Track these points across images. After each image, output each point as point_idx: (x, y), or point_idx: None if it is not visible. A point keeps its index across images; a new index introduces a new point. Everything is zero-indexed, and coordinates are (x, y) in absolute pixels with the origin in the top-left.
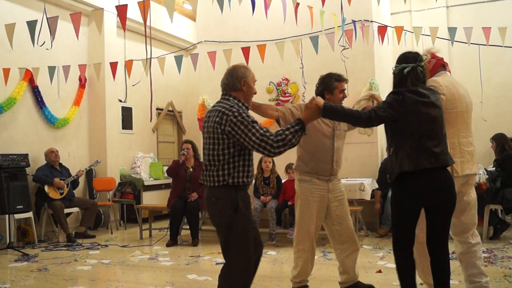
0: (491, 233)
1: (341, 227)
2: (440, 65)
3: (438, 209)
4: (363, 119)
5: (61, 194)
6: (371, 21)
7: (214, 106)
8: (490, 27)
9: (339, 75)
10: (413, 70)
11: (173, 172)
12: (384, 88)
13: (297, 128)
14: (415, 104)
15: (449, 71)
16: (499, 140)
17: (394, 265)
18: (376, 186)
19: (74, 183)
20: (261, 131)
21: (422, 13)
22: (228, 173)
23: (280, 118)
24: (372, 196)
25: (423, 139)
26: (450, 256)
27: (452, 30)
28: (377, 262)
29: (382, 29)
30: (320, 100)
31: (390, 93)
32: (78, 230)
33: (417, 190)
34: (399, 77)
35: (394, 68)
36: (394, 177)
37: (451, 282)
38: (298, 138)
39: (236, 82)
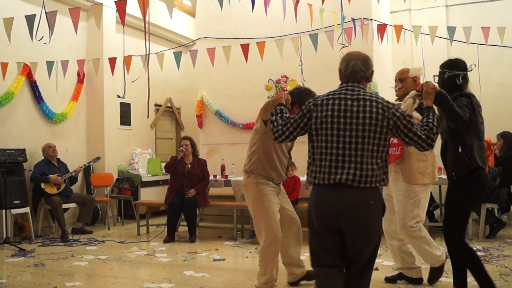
0: (487, 231)
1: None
2: None
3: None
4: (461, 118)
5: (58, 189)
6: (371, 20)
7: (355, 94)
8: (489, 27)
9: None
10: (465, 77)
11: (171, 168)
12: (383, 86)
13: (433, 113)
14: (478, 107)
15: None
16: (507, 138)
17: (391, 263)
18: None
19: (72, 180)
20: (418, 126)
21: (421, 12)
22: (384, 172)
23: None
24: None
25: (483, 139)
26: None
27: (451, 30)
28: None
29: (382, 28)
30: (437, 86)
31: (462, 96)
32: (75, 226)
33: (485, 184)
34: (452, 82)
35: (447, 73)
36: (465, 173)
37: (446, 280)
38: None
39: (369, 71)
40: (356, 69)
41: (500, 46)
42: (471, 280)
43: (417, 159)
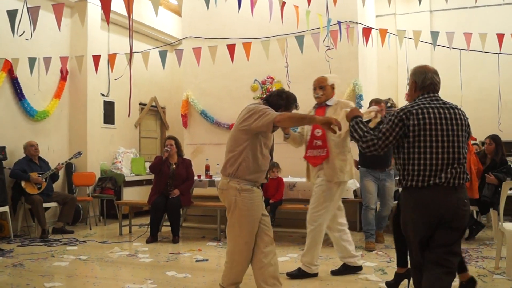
0: (467, 234)
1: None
2: None
3: None
4: None
5: (39, 189)
6: (356, 23)
7: (440, 105)
8: (471, 33)
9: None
10: None
11: (156, 168)
12: (367, 89)
13: None
14: None
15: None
16: (499, 141)
17: (373, 264)
18: (357, 185)
19: (54, 177)
20: None
21: (406, 16)
22: (465, 170)
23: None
24: (354, 195)
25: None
26: None
27: (434, 34)
28: None
29: (367, 31)
30: None
31: None
32: (56, 225)
33: None
34: None
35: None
36: None
37: None
38: None
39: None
40: (434, 82)
41: (481, 51)
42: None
43: (339, 158)
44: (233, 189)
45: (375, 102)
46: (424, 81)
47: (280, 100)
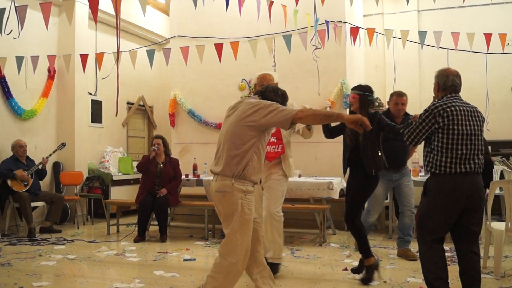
0: None
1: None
2: None
3: None
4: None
5: (26, 185)
6: (344, 22)
7: (465, 104)
8: (459, 32)
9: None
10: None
11: (143, 167)
12: None
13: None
14: None
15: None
16: (485, 141)
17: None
18: (345, 185)
19: (40, 174)
20: None
21: (394, 16)
22: None
23: None
24: (341, 195)
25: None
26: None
27: (422, 34)
28: (344, 260)
29: (355, 30)
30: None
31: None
32: (43, 224)
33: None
34: (370, 103)
35: (370, 96)
36: (379, 171)
37: (414, 280)
38: None
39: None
40: (455, 83)
41: (469, 51)
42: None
43: (290, 156)
44: (239, 191)
45: (396, 95)
46: (445, 83)
47: (277, 96)
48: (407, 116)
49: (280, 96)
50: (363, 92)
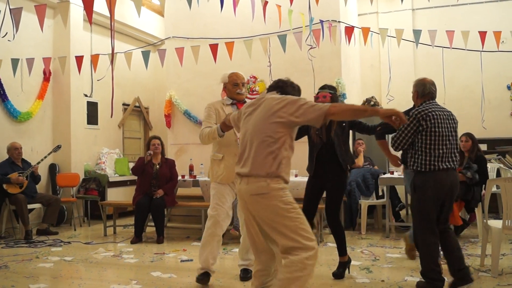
0: None
1: None
2: None
3: None
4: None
5: (21, 187)
6: (339, 22)
7: (441, 109)
8: (454, 31)
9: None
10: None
11: (138, 171)
12: (350, 88)
13: None
14: None
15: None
16: (474, 138)
17: (358, 262)
18: None
19: (35, 178)
20: None
21: (388, 15)
22: None
23: None
24: None
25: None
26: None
27: (417, 33)
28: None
29: (349, 30)
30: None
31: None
32: (40, 226)
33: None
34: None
35: (335, 94)
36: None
37: (412, 279)
38: None
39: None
40: (432, 91)
41: (464, 49)
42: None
43: None
44: (276, 190)
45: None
46: (423, 91)
47: (294, 91)
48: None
49: (297, 91)
50: (334, 92)
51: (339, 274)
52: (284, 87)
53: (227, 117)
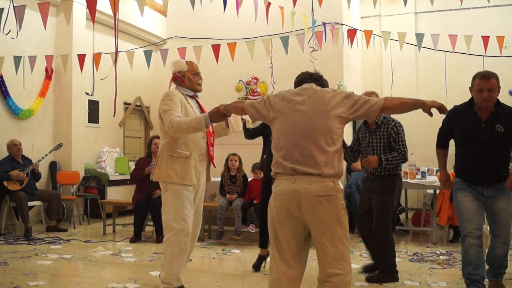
0: (451, 235)
1: None
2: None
3: None
4: None
5: (21, 184)
6: (341, 24)
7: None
8: (456, 35)
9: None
10: None
11: (136, 179)
12: (352, 90)
13: None
14: None
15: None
16: None
17: (357, 265)
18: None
19: (36, 176)
20: None
21: (391, 18)
22: None
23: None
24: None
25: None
26: (411, 257)
27: (419, 36)
28: None
29: (352, 32)
30: None
31: None
32: (50, 223)
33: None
34: None
35: None
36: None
37: (411, 283)
38: None
39: None
40: None
41: (466, 54)
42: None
43: None
44: (341, 192)
45: (480, 77)
46: None
47: (328, 86)
48: (499, 107)
49: (326, 86)
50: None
51: (256, 265)
52: (320, 80)
53: (222, 106)
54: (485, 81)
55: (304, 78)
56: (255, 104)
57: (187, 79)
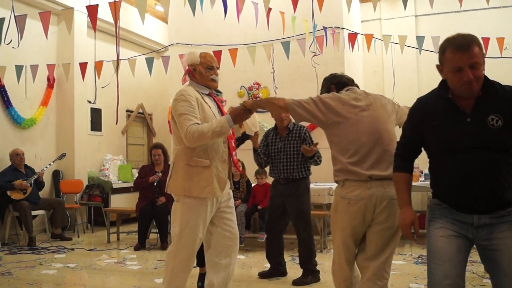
0: None
1: None
2: None
3: None
4: None
5: (24, 193)
6: (342, 28)
7: None
8: None
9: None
10: None
11: (140, 187)
12: None
13: None
14: None
15: None
16: None
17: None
18: None
19: (39, 185)
20: None
21: (391, 21)
22: None
23: None
24: None
25: None
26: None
27: (420, 39)
28: None
29: (353, 36)
30: None
31: None
32: (55, 231)
33: None
34: None
35: None
36: None
37: (416, 285)
38: None
39: None
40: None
41: None
42: None
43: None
44: None
45: (452, 48)
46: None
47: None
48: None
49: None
50: None
51: (200, 286)
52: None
53: (248, 103)
54: (463, 54)
55: (345, 82)
56: (304, 105)
57: (198, 74)
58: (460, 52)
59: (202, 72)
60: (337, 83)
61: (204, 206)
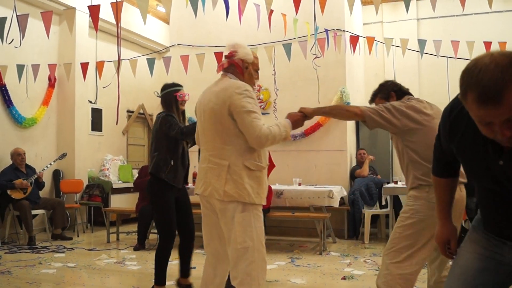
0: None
1: None
2: None
3: None
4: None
5: (25, 193)
6: (344, 31)
7: None
8: (459, 41)
9: None
10: None
11: (140, 187)
12: (355, 96)
13: None
14: None
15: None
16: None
17: (361, 272)
18: (345, 193)
19: (39, 185)
20: None
21: (393, 24)
22: None
23: None
24: (341, 203)
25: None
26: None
27: (422, 42)
28: (344, 269)
29: (354, 39)
30: None
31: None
32: (55, 231)
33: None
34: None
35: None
36: None
37: None
38: None
39: None
40: None
41: (469, 59)
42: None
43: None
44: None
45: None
46: None
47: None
48: None
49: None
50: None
51: None
52: None
53: (309, 110)
54: (492, 109)
55: (405, 91)
56: (380, 112)
57: (248, 73)
58: (488, 107)
59: (252, 73)
60: (398, 90)
61: (261, 213)
